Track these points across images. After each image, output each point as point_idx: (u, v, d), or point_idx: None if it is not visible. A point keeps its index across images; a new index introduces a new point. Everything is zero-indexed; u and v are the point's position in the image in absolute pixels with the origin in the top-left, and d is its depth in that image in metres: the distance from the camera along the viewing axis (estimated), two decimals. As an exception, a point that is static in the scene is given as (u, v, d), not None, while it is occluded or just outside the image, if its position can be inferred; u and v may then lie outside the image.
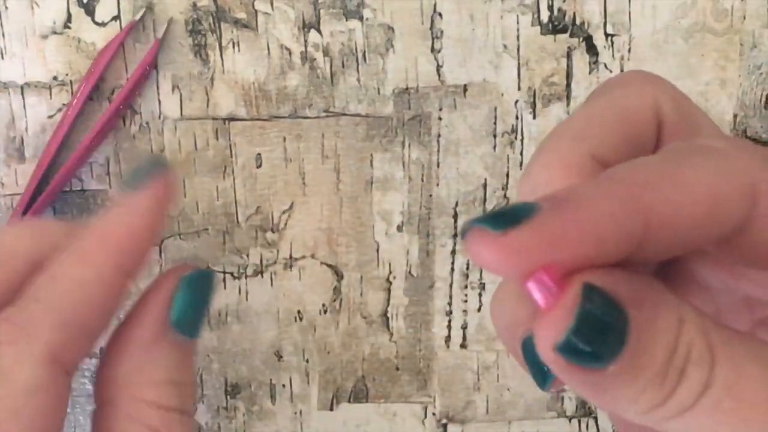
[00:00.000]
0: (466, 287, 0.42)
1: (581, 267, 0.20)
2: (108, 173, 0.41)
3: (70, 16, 0.40)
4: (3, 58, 0.40)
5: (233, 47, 0.40)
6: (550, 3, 0.40)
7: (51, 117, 0.41)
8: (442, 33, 0.40)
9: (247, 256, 0.42)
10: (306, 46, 0.40)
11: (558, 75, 0.40)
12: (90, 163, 0.41)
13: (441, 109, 0.41)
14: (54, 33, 0.40)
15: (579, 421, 0.43)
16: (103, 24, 0.40)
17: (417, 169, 0.41)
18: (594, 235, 0.20)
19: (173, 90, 0.41)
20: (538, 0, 0.40)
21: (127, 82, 0.40)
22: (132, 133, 0.41)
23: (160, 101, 0.41)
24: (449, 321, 0.43)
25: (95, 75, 0.39)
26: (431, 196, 0.41)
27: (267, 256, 0.42)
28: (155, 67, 0.40)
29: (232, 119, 0.41)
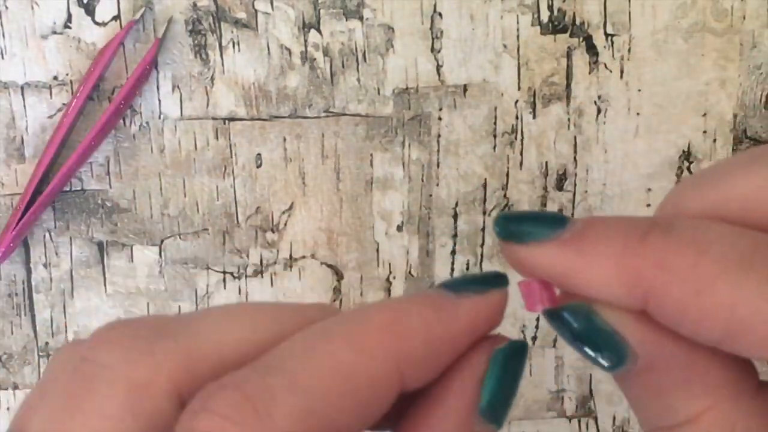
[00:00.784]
0: (466, 287, 0.42)
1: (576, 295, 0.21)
2: (108, 173, 0.41)
3: (70, 16, 0.40)
4: (3, 58, 0.40)
5: (233, 47, 0.40)
6: (550, 3, 0.40)
7: (51, 117, 0.41)
8: (442, 33, 0.40)
9: (247, 256, 0.42)
10: (306, 46, 0.40)
11: (558, 75, 0.40)
12: (90, 163, 0.41)
13: (441, 109, 0.41)
14: (54, 33, 0.40)
15: (579, 421, 0.43)
16: (103, 24, 0.40)
17: (417, 169, 0.41)
18: (590, 284, 0.21)
19: (173, 90, 0.41)
20: (538, 0, 0.40)
21: (127, 81, 0.40)
22: (132, 133, 0.41)
23: (160, 101, 0.41)
24: (449, 321, 0.43)
25: (95, 75, 0.39)
26: (431, 196, 0.41)
27: (267, 256, 0.42)
28: (155, 67, 0.40)
29: (232, 119, 0.41)
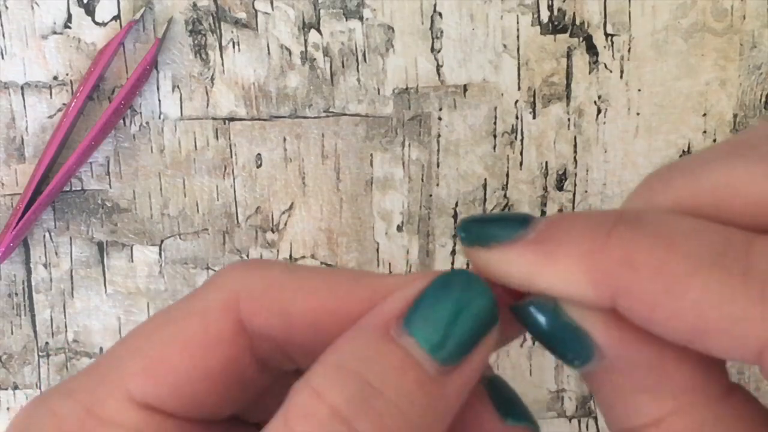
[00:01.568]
0: (466, 287, 0.42)
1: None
2: (108, 173, 0.41)
3: (70, 16, 0.40)
4: (3, 58, 0.40)
5: (233, 47, 0.40)
6: (550, 3, 0.40)
7: (51, 117, 0.41)
8: (442, 33, 0.40)
9: (247, 256, 0.42)
10: (306, 46, 0.40)
11: (558, 75, 0.40)
12: (90, 163, 0.41)
13: (441, 109, 0.41)
14: (54, 33, 0.40)
15: (579, 421, 0.43)
16: (103, 24, 0.40)
17: (417, 169, 0.41)
18: (556, 285, 0.20)
19: (173, 90, 0.41)
20: (538, 0, 0.40)
21: (127, 81, 0.40)
22: (132, 133, 0.41)
23: (160, 101, 0.41)
24: (449, 321, 0.43)
25: (95, 75, 0.39)
26: (431, 196, 0.41)
27: (267, 256, 0.42)
28: (155, 67, 0.40)
29: (232, 119, 0.41)
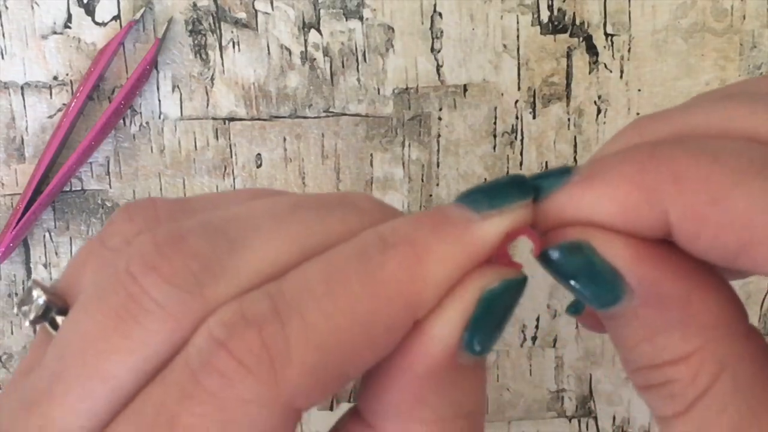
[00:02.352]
0: (466, 287, 0.42)
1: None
2: (108, 173, 0.41)
3: (70, 16, 0.40)
4: (3, 58, 0.40)
5: (233, 47, 0.40)
6: (550, 3, 0.40)
7: (51, 117, 0.41)
8: (442, 33, 0.40)
9: (247, 256, 0.42)
10: (306, 46, 0.40)
11: (558, 75, 0.40)
12: (90, 163, 0.41)
13: (441, 109, 0.41)
14: (54, 33, 0.40)
15: (579, 421, 0.43)
16: (103, 24, 0.40)
17: (417, 169, 0.41)
18: (612, 214, 0.20)
19: (173, 90, 0.41)
20: (538, 0, 0.40)
21: (127, 81, 0.40)
22: (132, 133, 0.41)
23: (160, 101, 0.41)
24: (449, 321, 0.43)
25: (95, 75, 0.39)
26: (431, 196, 0.41)
27: (267, 256, 0.42)
28: (155, 67, 0.40)
29: (232, 119, 0.41)
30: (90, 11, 0.40)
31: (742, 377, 0.20)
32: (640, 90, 0.40)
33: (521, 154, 0.41)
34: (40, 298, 0.22)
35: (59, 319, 0.22)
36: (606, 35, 0.40)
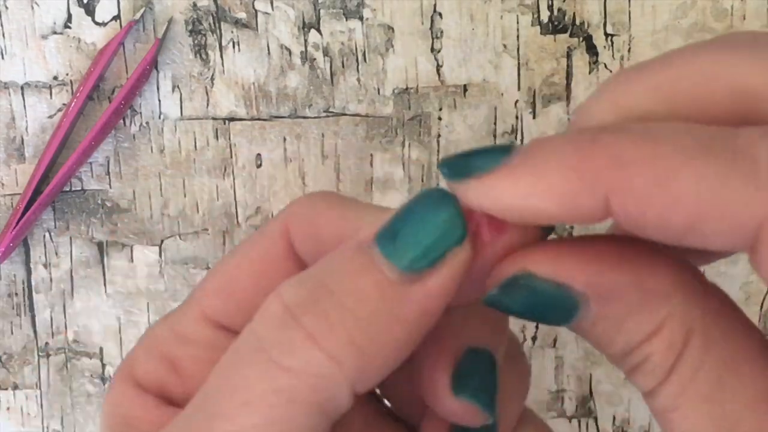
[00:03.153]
0: (466, 287, 0.42)
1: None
2: (108, 173, 0.41)
3: (70, 16, 0.40)
4: (3, 58, 0.40)
5: (233, 47, 0.40)
6: (550, 3, 0.40)
7: (51, 117, 0.41)
8: (442, 33, 0.40)
9: (247, 256, 0.42)
10: (306, 46, 0.40)
11: (558, 75, 0.40)
12: (90, 163, 0.41)
13: (441, 109, 0.41)
14: (54, 33, 0.40)
15: (579, 421, 0.43)
16: (103, 24, 0.40)
17: (417, 169, 0.41)
18: (549, 201, 0.20)
19: (173, 90, 0.41)
20: (538, 0, 0.40)
21: (127, 81, 0.40)
22: (132, 133, 0.41)
23: (160, 101, 0.41)
24: (449, 321, 0.43)
25: (95, 75, 0.39)
26: (431, 196, 0.41)
27: (267, 256, 0.42)
28: (155, 67, 0.40)
29: (232, 119, 0.41)
30: (90, 11, 0.40)
31: (711, 333, 0.21)
32: (640, 90, 0.40)
33: (521, 154, 0.41)
34: None
35: None
36: (606, 35, 0.40)
